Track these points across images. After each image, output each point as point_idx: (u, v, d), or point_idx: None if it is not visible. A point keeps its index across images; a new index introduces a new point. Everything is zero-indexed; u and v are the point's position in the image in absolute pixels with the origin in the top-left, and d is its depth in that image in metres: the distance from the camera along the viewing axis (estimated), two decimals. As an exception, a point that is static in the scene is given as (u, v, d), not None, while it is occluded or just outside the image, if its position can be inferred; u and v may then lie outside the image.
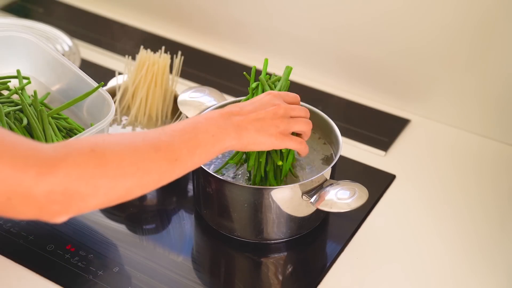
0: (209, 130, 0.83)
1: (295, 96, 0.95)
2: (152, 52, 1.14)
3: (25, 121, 0.96)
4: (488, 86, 1.19)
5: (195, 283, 0.96)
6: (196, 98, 1.10)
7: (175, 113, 1.16)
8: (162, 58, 1.13)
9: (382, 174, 1.14)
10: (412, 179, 1.14)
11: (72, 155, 0.70)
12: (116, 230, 1.03)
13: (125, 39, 1.46)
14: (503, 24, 1.13)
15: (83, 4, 1.57)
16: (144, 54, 1.13)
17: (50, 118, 0.99)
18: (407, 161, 1.18)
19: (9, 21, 1.41)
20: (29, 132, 0.96)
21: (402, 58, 1.25)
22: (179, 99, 1.10)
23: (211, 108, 1.06)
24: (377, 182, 1.12)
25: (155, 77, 1.12)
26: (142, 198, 1.10)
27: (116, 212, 1.06)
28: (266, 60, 1.02)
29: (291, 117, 0.91)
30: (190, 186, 1.11)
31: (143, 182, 0.75)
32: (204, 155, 0.82)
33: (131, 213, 1.07)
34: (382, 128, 1.24)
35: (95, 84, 1.01)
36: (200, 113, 1.04)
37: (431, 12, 1.19)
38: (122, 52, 1.39)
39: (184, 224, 1.06)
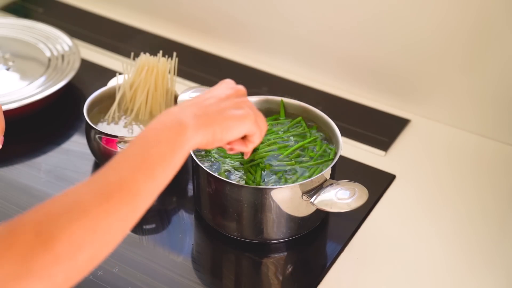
0: (160, 139, 0.71)
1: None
2: (152, 56, 1.13)
3: None
4: (487, 86, 1.19)
5: (195, 283, 0.96)
6: (196, 98, 1.10)
7: None
8: (161, 62, 1.12)
9: (382, 174, 1.14)
10: (412, 179, 1.14)
11: (14, 245, 0.59)
12: (116, 230, 1.03)
13: (125, 39, 1.46)
14: (501, 24, 1.13)
15: (83, 4, 1.57)
16: (143, 58, 1.12)
17: None
18: (407, 161, 1.18)
19: (9, 21, 1.41)
20: None
21: (402, 58, 1.25)
22: (179, 99, 1.10)
23: None
24: (377, 182, 1.12)
25: (155, 81, 1.12)
26: (142, 198, 1.10)
27: (116, 212, 1.06)
28: (281, 101, 1.04)
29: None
30: (190, 186, 1.11)
31: (107, 241, 0.65)
32: (168, 170, 0.71)
33: (131, 213, 1.07)
34: (382, 128, 1.24)
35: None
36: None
37: (430, 12, 1.19)
38: (122, 52, 1.39)
39: (184, 224, 1.06)
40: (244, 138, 0.85)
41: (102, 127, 1.12)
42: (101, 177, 0.67)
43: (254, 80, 1.36)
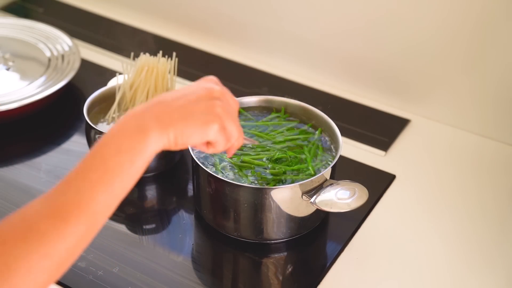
0: (120, 148, 0.68)
1: (236, 102, 0.80)
2: (152, 56, 1.13)
3: None
4: (487, 86, 1.19)
5: (195, 283, 0.96)
6: (196, 98, 1.10)
7: None
8: (161, 62, 1.12)
9: (382, 174, 1.14)
10: (412, 179, 1.14)
11: None
12: (116, 230, 1.03)
13: (125, 39, 1.46)
14: (501, 24, 1.13)
15: (83, 4, 1.57)
16: (143, 59, 1.12)
17: None
18: (407, 161, 1.18)
19: (9, 21, 1.41)
20: None
21: (402, 58, 1.25)
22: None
23: None
24: (377, 182, 1.12)
25: (155, 82, 1.12)
26: (142, 198, 1.10)
27: (116, 212, 1.05)
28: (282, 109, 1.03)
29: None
30: (190, 186, 1.11)
31: (65, 261, 0.64)
32: (128, 181, 0.69)
33: (131, 213, 1.07)
34: (382, 128, 1.24)
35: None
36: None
37: (430, 12, 1.19)
38: (122, 52, 1.39)
39: (184, 224, 1.06)
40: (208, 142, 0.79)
41: (102, 127, 1.12)
42: (58, 195, 0.66)
43: (254, 80, 1.36)
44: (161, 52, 1.15)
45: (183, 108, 0.73)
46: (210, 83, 0.79)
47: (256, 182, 0.97)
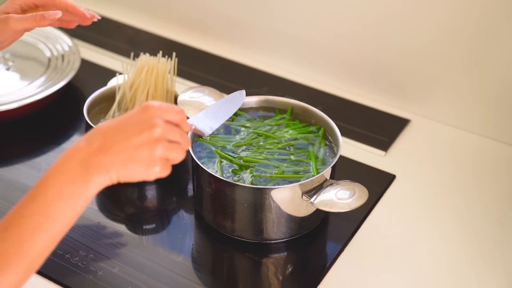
0: (62, 195, 0.70)
1: (179, 113, 0.78)
2: (152, 56, 1.13)
3: None
4: (487, 86, 1.19)
5: (195, 283, 0.96)
6: (196, 98, 1.10)
7: None
8: (161, 63, 1.12)
9: (382, 174, 1.14)
10: (412, 179, 1.14)
11: None
12: (116, 230, 1.03)
13: (125, 39, 1.46)
14: (502, 25, 1.13)
15: (83, 4, 1.56)
16: (143, 59, 1.12)
17: None
18: (407, 161, 1.17)
19: (9, 21, 1.41)
20: None
21: (402, 58, 1.25)
22: (179, 99, 1.10)
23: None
24: (377, 182, 1.12)
25: (155, 82, 1.12)
26: (142, 198, 1.10)
27: (116, 212, 1.06)
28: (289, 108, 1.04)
29: (169, 141, 0.76)
30: (190, 186, 1.11)
31: None
32: (68, 224, 0.70)
33: (131, 213, 1.07)
34: (382, 128, 1.24)
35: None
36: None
37: (430, 13, 1.19)
38: (122, 52, 1.39)
39: (184, 224, 1.06)
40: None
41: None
42: (0, 241, 0.67)
43: (254, 80, 1.36)
44: (161, 52, 1.15)
45: (124, 152, 0.73)
46: (152, 117, 0.76)
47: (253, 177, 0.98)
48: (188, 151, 1.01)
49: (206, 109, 0.93)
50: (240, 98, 0.99)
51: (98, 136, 0.73)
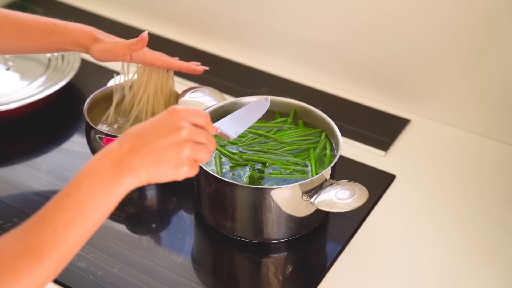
0: (95, 191, 0.73)
1: (204, 116, 0.81)
2: (152, 69, 1.12)
3: None
4: (487, 86, 1.19)
5: (195, 283, 0.96)
6: (196, 98, 1.10)
7: None
8: (163, 76, 1.12)
9: (382, 174, 1.14)
10: (412, 179, 1.14)
11: None
12: (116, 230, 1.03)
13: (125, 39, 1.45)
14: (502, 24, 1.13)
15: (83, 4, 1.57)
16: (141, 71, 1.12)
17: None
18: (407, 161, 1.18)
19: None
20: None
21: (402, 58, 1.25)
22: (179, 99, 1.10)
23: (209, 109, 1.06)
24: (377, 182, 1.12)
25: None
26: (142, 198, 1.10)
27: (116, 212, 1.05)
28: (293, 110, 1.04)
29: (195, 142, 0.79)
30: (190, 186, 1.11)
31: None
32: (99, 221, 0.74)
33: (131, 213, 1.07)
34: (382, 128, 1.24)
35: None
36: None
37: (430, 12, 1.19)
38: (122, 52, 1.39)
39: (184, 224, 1.06)
40: None
41: (102, 127, 1.12)
42: (34, 233, 0.70)
43: (254, 80, 1.36)
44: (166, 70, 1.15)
45: (153, 154, 0.76)
46: (178, 120, 0.78)
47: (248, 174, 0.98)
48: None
49: (232, 114, 0.95)
50: (265, 105, 1.01)
51: (128, 139, 0.76)
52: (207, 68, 1.14)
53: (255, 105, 1.00)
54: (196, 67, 1.12)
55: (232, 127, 0.92)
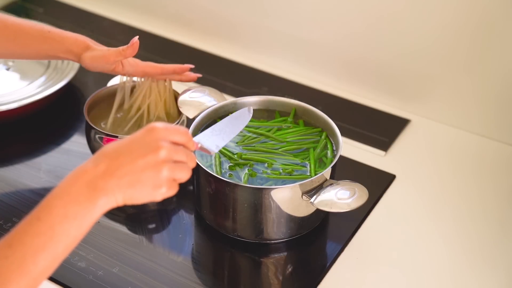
0: (68, 214, 0.70)
1: (184, 134, 0.79)
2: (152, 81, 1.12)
3: None
4: (487, 86, 1.19)
5: (195, 283, 0.96)
6: (196, 98, 1.10)
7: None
8: (164, 87, 1.12)
9: (382, 174, 1.14)
10: (412, 179, 1.14)
11: None
12: (116, 230, 1.03)
13: (125, 39, 1.45)
14: (502, 25, 1.13)
15: (83, 4, 1.57)
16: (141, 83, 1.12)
17: None
18: (407, 161, 1.17)
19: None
20: None
21: (402, 58, 1.25)
22: (179, 99, 1.10)
23: (209, 110, 1.05)
24: (377, 182, 1.12)
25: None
26: (142, 198, 1.10)
27: (116, 212, 1.06)
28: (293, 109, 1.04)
29: (174, 161, 0.77)
30: (190, 186, 1.11)
31: None
32: (71, 244, 0.71)
33: (131, 213, 1.07)
34: (382, 128, 1.24)
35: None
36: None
37: (431, 13, 1.19)
38: (122, 52, 1.39)
39: (184, 224, 1.06)
40: None
41: (102, 127, 1.12)
42: (2, 257, 0.67)
43: (254, 80, 1.36)
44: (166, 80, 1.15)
45: (130, 175, 0.73)
46: (157, 139, 0.76)
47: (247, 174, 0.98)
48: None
49: (213, 126, 0.93)
50: (247, 115, 0.98)
51: (104, 158, 0.74)
52: (200, 75, 1.13)
53: (237, 115, 0.98)
54: (189, 73, 1.11)
55: (213, 140, 0.90)
